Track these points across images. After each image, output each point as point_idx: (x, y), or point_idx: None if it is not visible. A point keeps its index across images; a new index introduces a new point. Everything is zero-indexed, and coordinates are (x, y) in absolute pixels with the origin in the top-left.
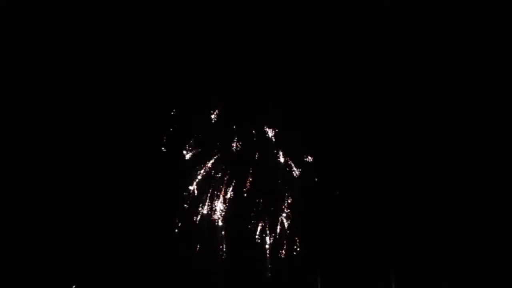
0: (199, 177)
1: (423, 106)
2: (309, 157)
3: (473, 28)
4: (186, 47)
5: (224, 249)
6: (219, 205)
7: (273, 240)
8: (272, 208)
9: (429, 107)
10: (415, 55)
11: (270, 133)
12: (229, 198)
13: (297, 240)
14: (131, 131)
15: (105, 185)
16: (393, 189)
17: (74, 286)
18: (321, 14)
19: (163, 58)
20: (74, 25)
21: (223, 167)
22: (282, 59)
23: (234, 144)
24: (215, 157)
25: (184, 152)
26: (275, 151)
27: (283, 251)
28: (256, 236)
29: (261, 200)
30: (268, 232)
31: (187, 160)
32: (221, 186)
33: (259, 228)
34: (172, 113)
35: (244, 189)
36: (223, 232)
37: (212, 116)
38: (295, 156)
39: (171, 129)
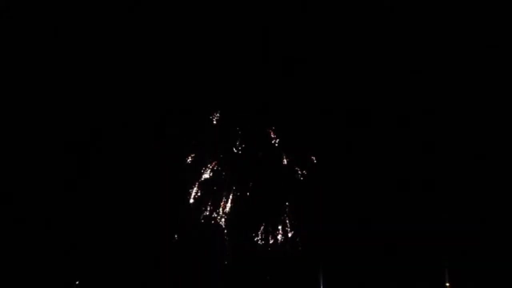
0: (202, 178)
1: (423, 106)
2: (312, 158)
3: (473, 28)
4: (188, 50)
5: (227, 250)
6: (222, 206)
7: (275, 240)
8: (274, 209)
9: (429, 107)
10: (415, 55)
11: (273, 134)
12: (232, 199)
13: (299, 241)
14: (133, 132)
15: (106, 186)
16: (394, 189)
17: (74, 286)
18: (321, 14)
19: (166, 61)
20: (74, 25)
21: (226, 168)
22: (283, 60)
23: (237, 145)
24: (218, 159)
25: (187, 153)
26: (278, 152)
27: (286, 252)
28: (259, 237)
29: (264, 201)
30: (270, 232)
31: (190, 161)
32: (224, 187)
33: (261, 228)
34: (174, 115)
35: (247, 190)
36: (225, 232)
37: (215, 118)
38: (297, 157)
39: (174, 131)
